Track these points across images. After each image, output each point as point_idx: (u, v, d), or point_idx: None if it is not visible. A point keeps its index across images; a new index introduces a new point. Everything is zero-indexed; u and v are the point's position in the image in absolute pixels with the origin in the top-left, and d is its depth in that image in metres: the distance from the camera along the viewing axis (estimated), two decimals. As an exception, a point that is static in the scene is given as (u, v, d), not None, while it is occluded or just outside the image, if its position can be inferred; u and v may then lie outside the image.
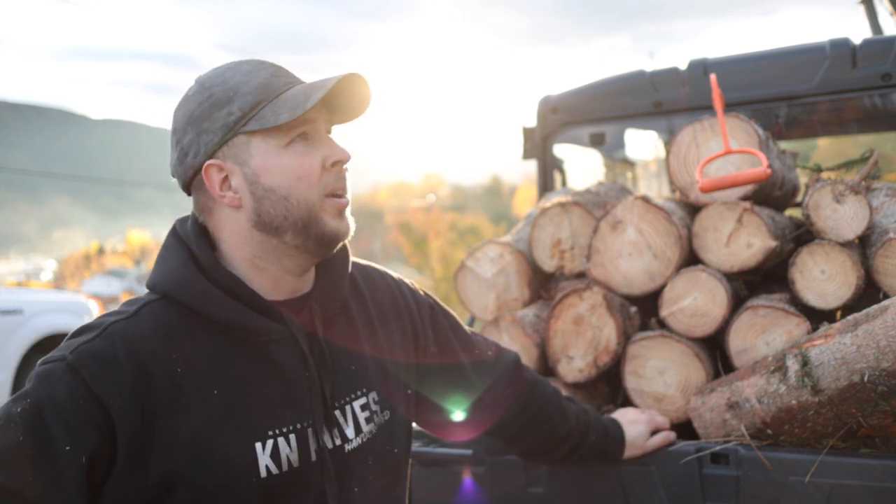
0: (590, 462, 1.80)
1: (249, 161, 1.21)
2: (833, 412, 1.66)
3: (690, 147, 2.24)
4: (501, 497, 1.91)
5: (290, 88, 1.22)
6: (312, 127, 1.23)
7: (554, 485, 1.86)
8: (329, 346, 1.31)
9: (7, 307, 7.27)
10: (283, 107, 1.19)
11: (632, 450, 1.81)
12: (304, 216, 1.21)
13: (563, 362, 2.16)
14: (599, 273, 2.19)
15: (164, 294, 1.21)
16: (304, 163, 1.21)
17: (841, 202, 1.96)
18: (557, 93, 3.03)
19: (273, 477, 1.18)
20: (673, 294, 2.06)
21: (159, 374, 1.14)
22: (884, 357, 1.56)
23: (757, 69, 2.66)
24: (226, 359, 1.19)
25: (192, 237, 1.25)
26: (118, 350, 1.13)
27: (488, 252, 2.44)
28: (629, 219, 2.15)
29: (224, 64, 1.27)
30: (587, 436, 1.76)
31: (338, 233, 1.25)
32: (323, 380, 1.27)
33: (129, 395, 1.11)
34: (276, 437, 1.20)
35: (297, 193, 1.20)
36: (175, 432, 1.13)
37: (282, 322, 1.25)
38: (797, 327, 1.88)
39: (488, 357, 1.66)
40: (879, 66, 2.45)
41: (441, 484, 1.96)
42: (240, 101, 1.20)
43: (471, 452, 1.93)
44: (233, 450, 1.16)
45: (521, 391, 1.70)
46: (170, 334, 1.17)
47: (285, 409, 1.22)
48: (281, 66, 1.27)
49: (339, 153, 1.24)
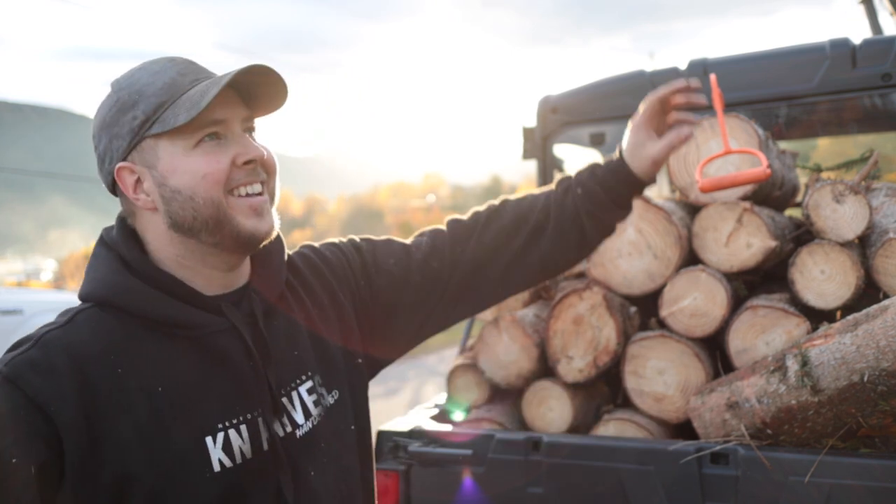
0: (601, 208, 1.53)
1: (157, 164, 1.20)
2: (833, 412, 1.66)
3: (690, 147, 2.24)
4: (501, 497, 1.91)
5: (194, 86, 1.20)
6: (224, 127, 1.21)
7: (554, 485, 1.86)
8: (271, 334, 1.30)
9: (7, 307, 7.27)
10: (182, 107, 1.17)
11: (639, 161, 1.52)
12: (212, 215, 1.20)
13: (563, 362, 2.16)
14: (599, 273, 2.19)
15: (99, 301, 1.20)
16: (210, 161, 1.19)
17: (841, 202, 1.96)
18: (557, 93, 3.04)
19: (227, 470, 1.18)
20: (673, 294, 2.06)
21: (100, 377, 1.13)
22: (884, 357, 1.56)
23: (757, 69, 2.66)
24: (169, 356, 1.19)
25: (119, 242, 1.25)
26: (55, 358, 1.12)
27: (488, 252, 2.44)
28: (629, 219, 2.15)
29: (139, 64, 1.26)
30: (569, 189, 1.57)
31: (255, 232, 1.23)
32: (267, 368, 1.26)
33: (71, 401, 1.10)
34: (227, 430, 1.19)
35: (202, 192, 1.19)
36: (122, 434, 1.12)
37: (221, 315, 1.24)
38: (797, 327, 1.88)
39: (425, 241, 1.58)
40: (879, 66, 2.45)
41: (441, 484, 1.96)
42: (144, 103, 1.19)
43: (471, 452, 1.93)
44: (183, 446, 1.15)
45: (470, 226, 1.58)
46: (108, 337, 1.17)
47: (234, 400, 1.21)
48: (192, 62, 1.26)
49: (252, 152, 1.22)
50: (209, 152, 1.20)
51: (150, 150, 1.20)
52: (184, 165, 1.19)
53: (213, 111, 1.18)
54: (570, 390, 2.16)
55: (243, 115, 1.25)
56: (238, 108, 1.24)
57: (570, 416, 2.14)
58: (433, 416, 2.31)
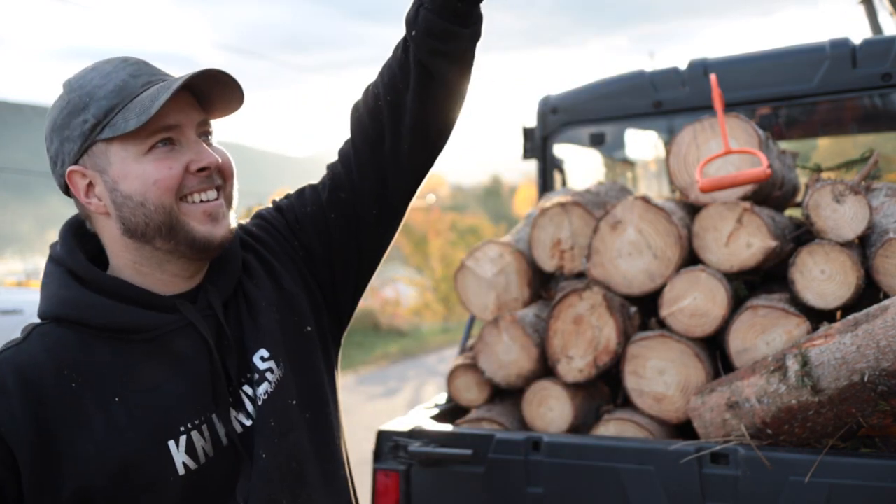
0: (437, 33, 1.27)
1: (108, 168, 1.18)
2: (833, 412, 1.66)
3: (690, 147, 2.24)
4: (501, 497, 1.91)
5: (146, 90, 1.16)
6: (178, 132, 1.19)
7: (554, 485, 1.86)
8: (231, 325, 1.27)
9: (7, 307, 7.28)
10: (133, 112, 1.14)
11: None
12: (164, 221, 1.18)
13: (563, 362, 2.16)
14: (599, 273, 2.19)
15: (53, 317, 1.19)
16: (161, 167, 1.17)
17: (841, 202, 1.96)
18: (557, 93, 3.04)
19: (192, 472, 1.16)
20: (673, 294, 2.06)
21: (53, 394, 1.12)
22: (884, 357, 1.56)
23: (757, 69, 2.66)
24: (125, 365, 1.17)
25: (65, 257, 1.23)
26: (6, 378, 1.11)
27: (488, 252, 2.44)
28: (629, 219, 2.15)
29: (92, 64, 1.24)
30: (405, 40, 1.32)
31: (208, 237, 1.20)
32: (227, 361, 1.24)
33: (23, 421, 1.09)
34: (190, 431, 1.18)
35: (153, 198, 1.17)
36: (80, 449, 1.11)
37: (176, 312, 1.22)
38: (797, 327, 1.88)
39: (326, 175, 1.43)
40: (879, 66, 2.45)
41: (441, 484, 1.96)
42: (94, 106, 1.17)
43: (471, 452, 1.93)
44: (145, 454, 1.14)
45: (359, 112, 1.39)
46: (61, 352, 1.15)
47: (195, 400, 1.19)
48: (145, 63, 1.22)
49: (205, 158, 1.19)
50: (161, 158, 1.17)
51: (101, 154, 1.18)
52: (135, 171, 1.17)
53: (165, 116, 1.16)
54: (570, 390, 2.16)
55: (198, 119, 1.22)
56: (193, 113, 1.21)
57: (570, 416, 2.14)
58: (433, 416, 2.31)
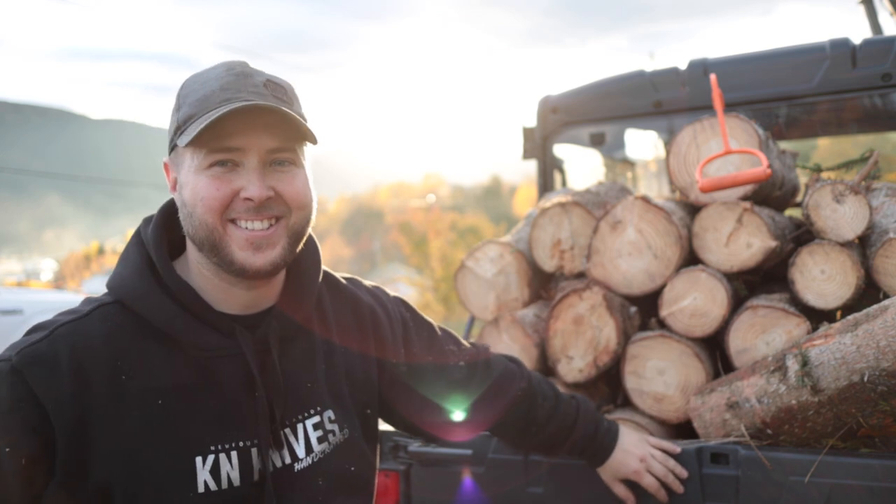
0: (559, 450, 1.78)
1: (180, 171, 1.22)
2: (833, 412, 1.66)
3: (690, 147, 2.24)
4: (501, 497, 1.91)
5: (220, 107, 1.16)
6: (240, 155, 1.19)
7: (554, 485, 1.86)
8: (285, 363, 1.29)
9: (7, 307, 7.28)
10: (195, 128, 1.16)
11: (603, 472, 1.76)
12: (206, 237, 1.19)
13: (563, 362, 2.16)
14: (599, 273, 2.19)
15: (120, 302, 1.21)
16: (210, 186, 1.17)
17: (841, 202, 1.96)
18: (557, 93, 3.04)
19: (211, 493, 1.17)
20: (673, 294, 2.06)
21: (102, 380, 1.13)
22: (884, 357, 1.56)
23: (757, 69, 2.66)
24: (173, 370, 1.18)
25: (151, 242, 1.25)
26: (62, 354, 1.12)
27: (488, 252, 2.44)
28: (629, 219, 2.15)
29: (208, 66, 1.26)
30: (571, 433, 1.74)
31: (245, 265, 1.20)
32: (273, 399, 1.25)
33: (69, 400, 1.10)
34: (218, 453, 1.19)
35: (198, 213, 1.18)
36: (113, 441, 1.12)
37: (232, 337, 1.23)
38: (797, 327, 1.88)
39: (461, 368, 1.64)
40: (879, 66, 2.45)
41: (441, 484, 1.96)
42: (182, 111, 1.21)
43: (471, 452, 1.93)
44: (171, 462, 1.15)
45: (509, 403, 1.68)
46: (118, 340, 1.17)
47: (229, 425, 1.21)
48: (244, 75, 1.21)
49: (252, 190, 1.18)
50: (215, 177, 1.18)
51: (178, 155, 1.23)
52: (192, 182, 1.19)
53: (229, 137, 1.17)
54: (570, 390, 2.16)
55: (270, 146, 1.20)
56: (265, 138, 1.19)
57: (570, 416, 2.14)
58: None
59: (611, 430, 1.77)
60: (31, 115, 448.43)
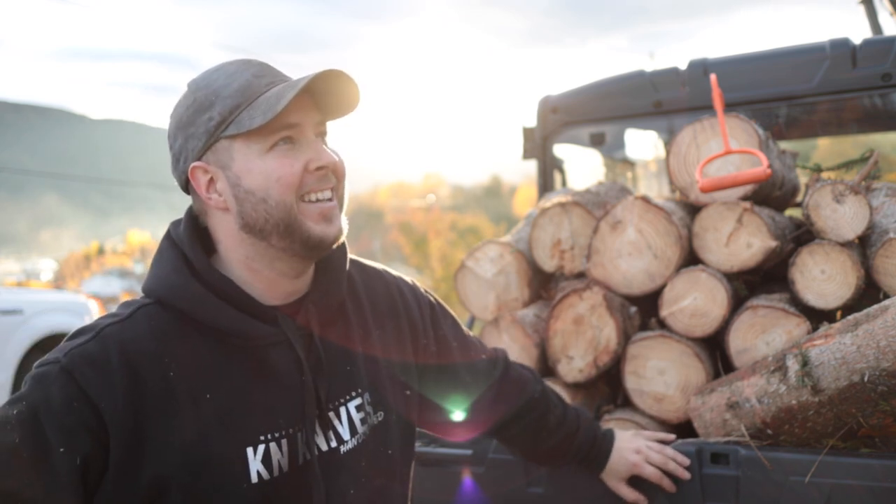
0: (565, 464, 1.79)
1: (231, 164, 1.21)
2: (833, 412, 1.66)
3: (690, 147, 2.24)
4: (501, 497, 1.91)
5: (270, 89, 1.21)
6: (298, 131, 1.22)
7: (554, 485, 1.86)
8: (325, 347, 1.30)
9: (7, 307, 7.27)
10: (258, 110, 1.18)
11: (607, 477, 1.77)
12: (283, 218, 1.21)
13: (563, 362, 2.16)
14: (599, 273, 2.19)
15: (161, 301, 1.21)
16: (283, 164, 1.20)
17: (841, 202, 1.96)
18: (557, 93, 3.04)
19: (264, 482, 1.18)
20: (673, 294, 2.06)
21: (152, 378, 1.14)
22: (884, 357, 1.56)
23: (757, 69, 2.66)
24: (220, 363, 1.19)
25: (185, 241, 1.25)
26: (111, 353, 1.13)
27: (488, 252, 2.44)
28: (629, 219, 2.15)
29: (214, 65, 1.27)
30: (574, 441, 1.76)
31: (323, 237, 1.24)
32: (318, 382, 1.27)
33: (122, 398, 1.11)
34: (269, 443, 1.20)
35: (275, 195, 1.20)
36: (166, 437, 1.13)
37: (276, 325, 1.25)
38: (797, 327, 1.88)
39: (482, 360, 1.67)
40: (879, 66, 2.45)
41: (441, 484, 1.96)
42: (220, 105, 1.20)
43: (471, 452, 1.93)
44: (224, 455, 1.16)
45: (525, 402, 1.71)
46: (164, 338, 1.18)
47: (279, 413, 1.22)
48: (267, 65, 1.26)
49: (324, 158, 1.23)
50: (283, 156, 1.20)
51: (224, 150, 1.21)
52: (258, 167, 1.20)
53: (287, 115, 1.19)
54: (571, 390, 2.16)
55: (316, 120, 1.25)
56: (312, 113, 1.24)
57: (570, 416, 2.14)
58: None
59: (607, 434, 1.80)
60: (31, 115, 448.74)
